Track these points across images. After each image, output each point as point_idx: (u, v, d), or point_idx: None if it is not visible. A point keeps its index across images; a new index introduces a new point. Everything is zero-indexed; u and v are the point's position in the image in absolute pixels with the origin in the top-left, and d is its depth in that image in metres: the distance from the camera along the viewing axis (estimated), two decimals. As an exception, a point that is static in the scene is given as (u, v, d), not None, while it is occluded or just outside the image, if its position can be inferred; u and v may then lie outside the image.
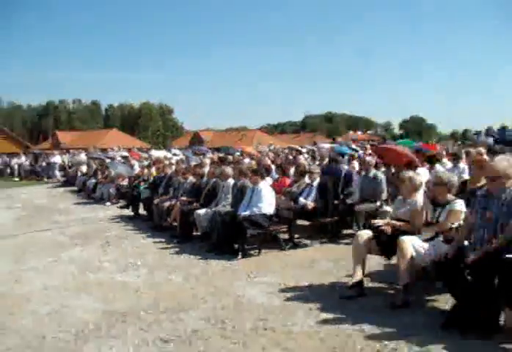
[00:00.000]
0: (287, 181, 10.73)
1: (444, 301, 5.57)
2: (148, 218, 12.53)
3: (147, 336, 5.24)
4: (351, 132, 62.64)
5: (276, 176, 11.62)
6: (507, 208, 5.05)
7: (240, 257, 8.34)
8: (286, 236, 9.15)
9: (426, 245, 5.72)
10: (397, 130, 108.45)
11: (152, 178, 14.54)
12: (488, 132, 20.81)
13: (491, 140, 16.92)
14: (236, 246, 8.59)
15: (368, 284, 6.42)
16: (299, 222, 9.64)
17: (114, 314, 5.88)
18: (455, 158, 10.75)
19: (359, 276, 6.08)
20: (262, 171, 9.52)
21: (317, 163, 15.09)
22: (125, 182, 16.44)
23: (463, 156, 10.54)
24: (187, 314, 5.81)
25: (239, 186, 9.60)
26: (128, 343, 5.08)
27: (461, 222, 5.71)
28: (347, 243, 8.44)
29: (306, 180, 9.82)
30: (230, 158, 18.43)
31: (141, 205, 13.31)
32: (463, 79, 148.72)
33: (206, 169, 11.94)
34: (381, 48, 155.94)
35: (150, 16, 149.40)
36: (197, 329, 5.35)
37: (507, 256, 4.60)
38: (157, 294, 6.61)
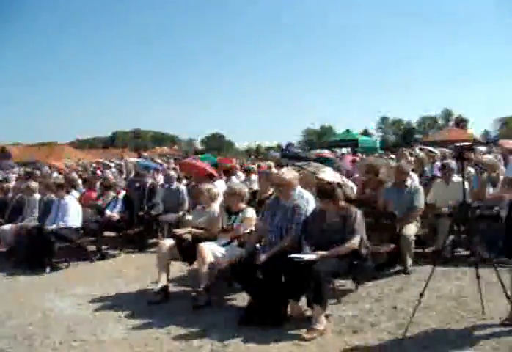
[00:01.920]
0: (94, 194, 10.41)
1: (242, 299, 5.75)
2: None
3: None
4: (157, 147, 62.56)
5: (83, 190, 11.23)
6: (290, 214, 5.43)
7: (48, 270, 7.87)
8: (94, 248, 8.84)
9: (223, 249, 5.88)
10: (199, 146, 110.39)
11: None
12: (277, 148, 22.00)
13: (278, 154, 18.00)
14: (44, 260, 8.08)
15: (173, 288, 6.42)
16: (107, 234, 9.37)
17: None
18: (247, 171, 11.22)
19: (164, 282, 6.06)
20: (67, 186, 9.14)
21: (123, 176, 14.87)
22: None
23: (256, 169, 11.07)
24: (-10, 334, 5.32)
25: (45, 201, 9.11)
26: None
27: (253, 228, 5.98)
28: (153, 252, 8.37)
29: (112, 193, 9.62)
30: (38, 172, 17.39)
31: None
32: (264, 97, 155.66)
33: (11, 184, 11.15)
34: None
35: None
36: (2, 349, 4.91)
37: (290, 256, 4.92)
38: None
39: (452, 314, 5.12)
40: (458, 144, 4.79)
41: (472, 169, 8.79)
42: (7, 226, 8.95)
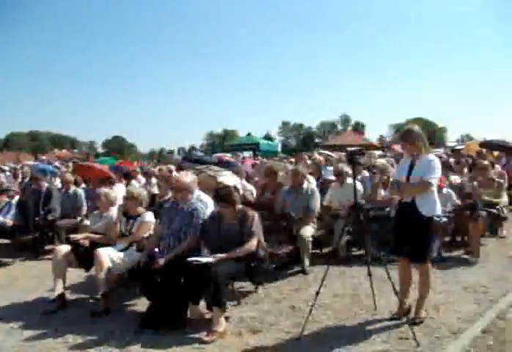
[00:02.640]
0: (-15, 200, 9.86)
1: (142, 304, 5.65)
2: None
3: None
4: (56, 150, 60.21)
5: (-27, 195, 10.60)
6: (188, 218, 5.42)
7: None
8: (-15, 256, 8.38)
9: (121, 254, 5.76)
10: (100, 149, 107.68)
11: None
12: (179, 151, 21.93)
13: (180, 158, 17.94)
14: None
15: (70, 296, 6.21)
16: (0, 241, 8.93)
17: None
18: (147, 174, 11.05)
19: (60, 289, 5.84)
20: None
21: (19, 180, 14.23)
22: None
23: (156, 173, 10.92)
24: None
25: None
26: None
27: (151, 232, 5.91)
28: (49, 259, 8.02)
29: (5, 198, 9.16)
30: None
31: None
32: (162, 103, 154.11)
33: None
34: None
35: None
36: None
37: (189, 259, 4.91)
38: None
39: (346, 311, 5.32)
40: (349, 149, 4.98)
41: (367, 172, 9.17)
42: None
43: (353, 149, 4.96)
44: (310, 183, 7.93)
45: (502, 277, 6.34)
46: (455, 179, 8.94)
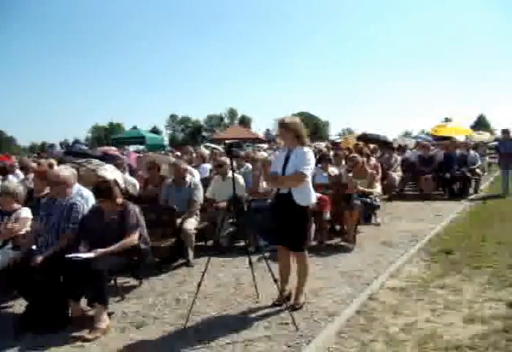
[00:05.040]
0: None
1: (20, 305, 5.42)
2: None
3: None
4: None
5: None
6: (67, 213, 5.27)
7: None
8: None
9: (-4, 253, 5.47)
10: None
11: None
12: (62, 145, 21.16)
13: (62, 152, 17.27)
14: None
15: None
16: None
17: None
18: (25, 169, 10.52)
19: None
20: None
21: None
22: None
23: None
24: None
25: None
26: None
27: (28, 228, 5.67)
28: None
29: None
30: None
31: None
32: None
33: None
34: None
35: None
36: None
37: (68, 255, 4.78)
38: None
39: (230, 301, 5.42)
40: (227, 141, 5.05)
41: (250, 165, 9.34)
42: None
43: (230, 141, 5.03)
44: (193, 177, 7.97)
45: (376, 261, 6.76)
46: (333, 170, 9.32)
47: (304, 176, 4.83)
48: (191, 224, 6.92)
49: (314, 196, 5.06)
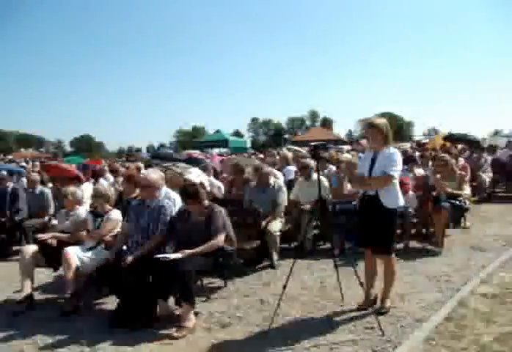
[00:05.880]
0: None
1: (111, 303, 5.63)
2: None
3: None
4: (23, 149, 59.17)
5: None
6: (156, 215, 5.44)
7: None
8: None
9: (89, 253, 5.74)
10: (68, 148, 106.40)
11: None
12: (148, 149, 21.83)
13: (149, 155, 17.87)
14: None
15: (39, 296, 6.15)
16: (-35, 243, 8.79)
17: None
18: (115, 172, 10.97)
19: (28, 290, 5.79)
20: None
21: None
22: None
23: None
24: None
25: None
26: None
27: (119, 230, 5.90)
28: (17, 260, 7.92)
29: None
30: None
31: None
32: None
33: None
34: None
35: None
36: None
37: (157, 256, 4.94)
38: None
39: (314, 304, 5.40)
40: (313, 143, 5.04)
41: (333, 167, 9.29)
42: None
43: (316, 143, 5.02)
44: (277, 179, 8.01)
45: (465, 266, 6.52)
46: (419, 172, 9.10)
47: (391, 178, 4.74)
48: (276, 226, 6.97)
49: (401, 199, 4.96)
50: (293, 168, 10.49)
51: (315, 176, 7.68)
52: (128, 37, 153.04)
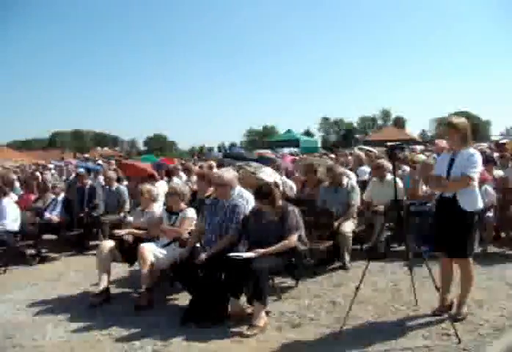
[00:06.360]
0: (32, 197, 10.17)
1: (184, 299, 5.74)
2: None
3: None
4: (99, 148, 61.26)
5: (21, 192, 10.97)
6: (229, 214, 5.50)
7: (-17, 276, 7.65)
8: (33, 251, 8.65)
9: (164, 250, 5.88)
10: (142, 147, 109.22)
11: None
12: (220, 148, 22.10)
13: (220, 155, 18.06)
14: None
15: (115, 290, 6.38)
16: (46, 237, 9.20)
17: None
18: (188, 171, 11.16)
19: (104, 283, 6.00)
20: (4, 188, 8.89)
21: (64, 178, 14.60)
22: None
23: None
24: None
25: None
26: None
27: (193, 227, 6.01)
28: (94, 254, 8.21)
29: (51, 195, 9.44)
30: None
31: None
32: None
33: None
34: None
35: None
36: None
37: (230, 254, 5.00)
38: None
39: (387, 307, 5.32)
40: (389, 144, 4.95)
41: (407, 168, 9.10)
42: None
43: (393, 143, 4.93)
44: (350, 179, 7.92)
45: (550, 273, 6.23)
46: (498, 173, 8.76)
47: (471, 179, 4.59)
48: (348, 227, 6.90)
49: (481, 201, 4.78)
50: (366, 168, 10.35)
51: (389, 177, 7.57)
52: (203, 38, 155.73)
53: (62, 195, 9.36)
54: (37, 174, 15.13)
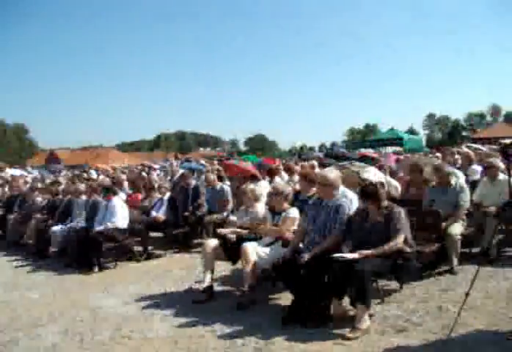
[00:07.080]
0: (140, 196, 10.65)
1: (286, 298, 5.78)
2: (2, 237, 11.79)
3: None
4: (201, 149, 63.03)
5: (130, 191, 11.51)
6: (333, 214, 5.46)
7: (96, 270, 8.14)
8: (140, 248, 9.06)
9: (267, 249, 5.94)
10: (242, 147, 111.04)
11: (5, 197, 13.66)
12: (321, 148, 21.97)
13: (322, 154, 18.00)
14: (93, 260, 8.31)
15: (218, 288, 6.53)
16: (153, 234, 9.60)
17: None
18: (290, 170, 11.21)
19: (208, 281, 6.16)
20: (114, 188, 9.37)
21: (168, 178, 15.15)
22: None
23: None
24: (45, 329, 5.58)
25: (91, 202, 9.37)
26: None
27: (296, 227, 6.01)
28: (198, 252, 8.48)
29: (158, 194, 9.83)
30: (85, 175, 17.94)
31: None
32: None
33: (61, 187, 11.54)
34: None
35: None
36: (56, 343, 5.15)
37: (334, 255, 4.95)
38: (12, 312, 6.27)
39: (500, 315, 5.03)
40: (503, 141, 4.71)
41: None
42: (57, 228, 9.26)
43: (508, 141, 4.68)
44: (458, 178, 7.62)
45: None
46: None
47: None
48: (457, 229, 6.61)
49: None
50: (478, 167, 9.89)
51: (501, 176, 7.21)
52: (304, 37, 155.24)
53: (168, 194, 9.72)
54: (144, 174, 15.84)
